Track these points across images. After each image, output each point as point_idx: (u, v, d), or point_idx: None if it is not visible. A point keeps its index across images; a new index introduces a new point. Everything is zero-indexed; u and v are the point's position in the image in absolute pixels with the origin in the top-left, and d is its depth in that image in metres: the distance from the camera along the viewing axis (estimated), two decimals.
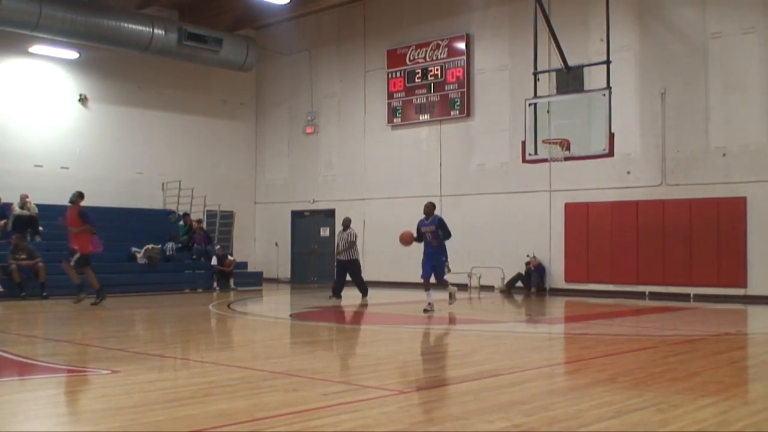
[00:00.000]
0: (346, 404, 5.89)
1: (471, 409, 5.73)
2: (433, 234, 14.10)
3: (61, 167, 22.65)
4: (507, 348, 9.83)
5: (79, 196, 15.92)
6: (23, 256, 17.91)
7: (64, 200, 21.71)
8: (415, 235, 14.37)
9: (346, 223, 17.54)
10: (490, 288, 20.82)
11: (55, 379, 7.20)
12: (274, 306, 17.03)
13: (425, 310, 13.69)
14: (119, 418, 5.44)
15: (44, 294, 17.58)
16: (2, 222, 19.66)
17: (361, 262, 17.72)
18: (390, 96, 23.59)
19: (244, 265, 23.45)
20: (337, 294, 17.32)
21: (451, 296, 14.74)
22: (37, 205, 20.37)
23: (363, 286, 17.38)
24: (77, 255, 15.27)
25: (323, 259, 24.92)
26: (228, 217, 25.60)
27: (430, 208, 14.39)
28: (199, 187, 24.06)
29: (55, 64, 22.73)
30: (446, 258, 14.30)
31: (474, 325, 12.95)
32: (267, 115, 27.27)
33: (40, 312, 15.08)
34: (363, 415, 5.59)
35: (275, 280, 25.51)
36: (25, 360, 8.22)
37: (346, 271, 17.38)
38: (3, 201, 20.05)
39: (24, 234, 19.03)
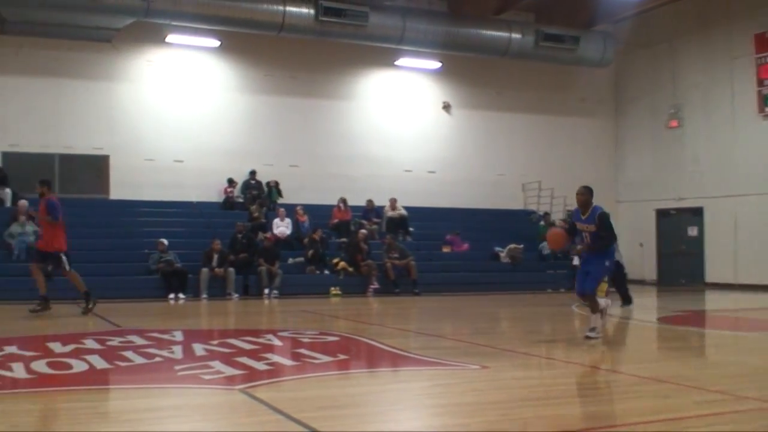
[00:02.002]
0: (722, 415, 5.53)
1: None
2: (591, 235, 9.67)
3: (428, 171, 23.94)
4: None
5: (41, 184, 13.21)
6: (396, 255, 19.19)
7: (431, 203, 23.16)
8: (565, 233, 10.41)
9: None
10: None
11: (429, 372, 7.58)
12: (640, 308, 16.47)
13: (587, 337, 9.64)
14: (489, 413, 5.60)
15: (416, 291, 18.69)
16: (375, 223, 21.26)
17: (624, 264, 15.88)
18: (760, 83, 21.70)
19: None
20: (627, 301, 15.58)
21: (594, 329, 9.69)
22: (406, 208, 21.75)
23: (624, 293, 15.56)
24: (57, 254, 12.88)
25: (692, 260, 23.62)
26: None
27: (585, 196, 9.79)
28: (558, 187, 24.03)
29: (419, 74, 24.12)
30: (610, 263, 9.96)
31: None
32: (626, 111, 26.49)
33: (412, 307, 16.06)
34: (741, 427, 5.22)
35: (641, 282, 24.65)
36: (400, 352, 8.77)
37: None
38: (376, 204, 21.70)
39: (396, 234, 20.43)
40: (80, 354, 8.07)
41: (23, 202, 17.74)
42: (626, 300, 15.58)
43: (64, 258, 12.84)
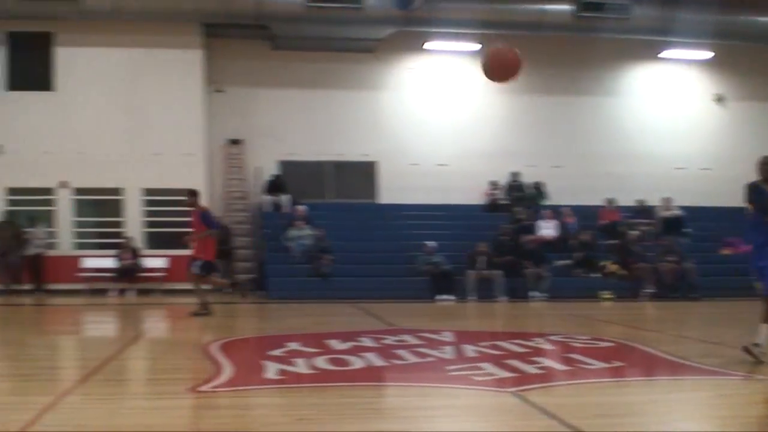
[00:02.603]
0: None
1: None
2: None
3: (701, 168, 22.57)
4: None
5: (190, 194, 13.43)
6: (673, 258, 18.16)
7: (707, 202, 21.74)
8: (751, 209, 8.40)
9: None
10: None
11: (711, 381, 7.07)
12: None
13: (747, 350, 7.78)
14: None
15: (694, 295, 17.57)
16: (648, 224, 20.31)
17: None
18: None
19: None
20: None
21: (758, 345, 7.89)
22: (681, 207, 20.61)
23: None
24: (200, 261, 13.08)
25: None
26: None
27: None
28: None
29: (686, 66, 22.88)
30: None
31: None
32: None
33: (690, 313, 15.22)
34: None
35: None
36: (679, 360, 8.28)
37: None
38: (647, 204, 20.77)
39: (671, 236, 19.38)
40: (358, 351, 8.40)
41: (302, 208, 19.01)
42: None
43: (200, 263, 13.03)
